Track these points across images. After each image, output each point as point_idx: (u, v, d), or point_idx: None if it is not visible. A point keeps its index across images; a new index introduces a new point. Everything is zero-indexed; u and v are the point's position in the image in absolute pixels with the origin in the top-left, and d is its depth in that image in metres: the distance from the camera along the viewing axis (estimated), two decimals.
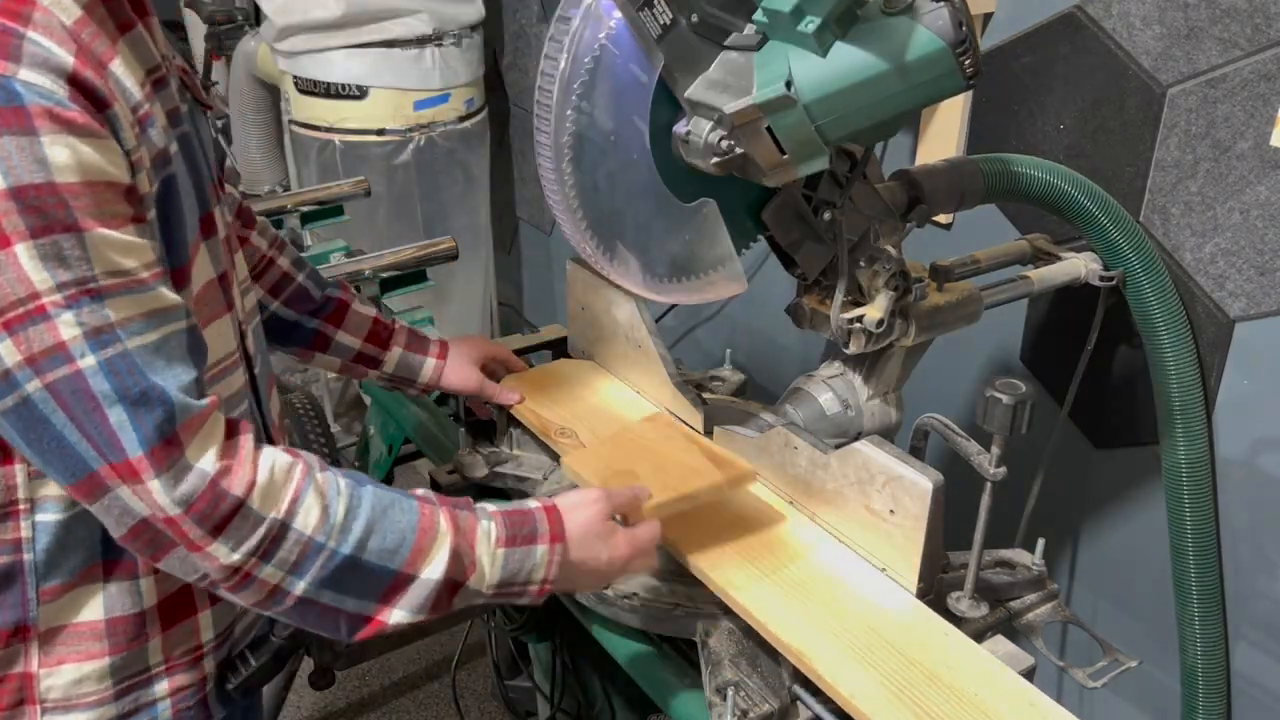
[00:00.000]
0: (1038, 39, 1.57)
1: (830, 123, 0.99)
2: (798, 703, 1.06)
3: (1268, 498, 1.45)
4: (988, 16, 1.62)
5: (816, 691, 1.03)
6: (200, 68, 3.54)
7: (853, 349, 1.20)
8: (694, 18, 1.00)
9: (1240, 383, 1.44)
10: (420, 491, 0.96)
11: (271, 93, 3.16)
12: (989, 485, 1.08)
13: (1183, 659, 1.54)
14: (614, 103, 1.05)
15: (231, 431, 0.84)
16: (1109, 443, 1.65)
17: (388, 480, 1.88)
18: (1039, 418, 1.29)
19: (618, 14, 1.00)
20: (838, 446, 1.16)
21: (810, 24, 0.94)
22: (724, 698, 1.03)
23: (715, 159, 1.03)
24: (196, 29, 3.51)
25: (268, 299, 1.28)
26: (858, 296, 1.20)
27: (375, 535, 0.87)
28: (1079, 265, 1.44)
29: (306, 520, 0.85)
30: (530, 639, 1.62)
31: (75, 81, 0.75)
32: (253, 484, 0.83)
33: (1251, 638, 1.52)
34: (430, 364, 1.36)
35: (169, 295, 0.81)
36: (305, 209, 2.14)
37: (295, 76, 2.69)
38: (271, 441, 1.06)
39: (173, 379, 0.80)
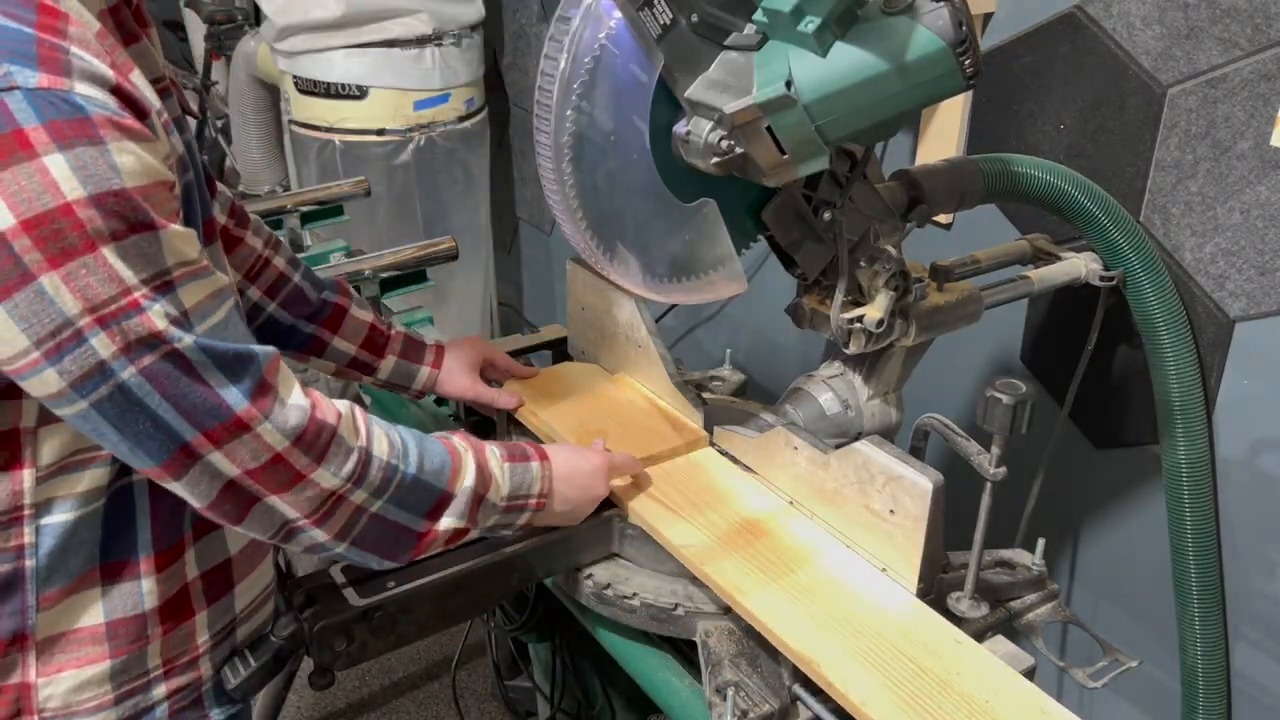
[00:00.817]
0: (1038, 39, 1.57)
1: (830, 122, 0.99)
2: (798, 703, 1.06)
3: (1268, 498, 1.45)
4: (988, 16, 1.62)
5: (817, 691, 1.03)
6: (200, 68, 3.54)
7: (853, 349, 1.20)
8: (694, 17, 1.00)
9: (1240, 383, 1.44)
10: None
11: (271, 93, 3.16)
12: (989, 485, 1.08)
13: (1183, 659, 1.54)
14: (614, 103, 1.05)
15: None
16: (1109, 443, 1.65)
17: None
18: (1039, 418, 1.29)
19: (618, 14, 1.00)
20: (838, 446, 1.16)
21: (810, 24, 0.94)
22: (724, 698, 1.03)
23: (715, 159, 1.03)
24: (196, 29, 3.51)
25: (265, 300, 1.28)
26: (858, 296, 1.20)
27: (426, 458, 1.00)
28: (1079, 265, 1.44)
29: (380, 447, 0.96)
30: (530, 639, 1.62)
31: (118, 92, 0.79)
32: (339, 415, 0.93)
33: (1251, 638, 1.52)
34: (425, 372, 1.37)
35: (221, 275, 0.88)
36: (305, 209, 2.14)
37: (295, 76, 2.69)
38: None
39: (246, 338, 0.88)
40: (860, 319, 1.17)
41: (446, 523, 1.03)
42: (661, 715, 1.18)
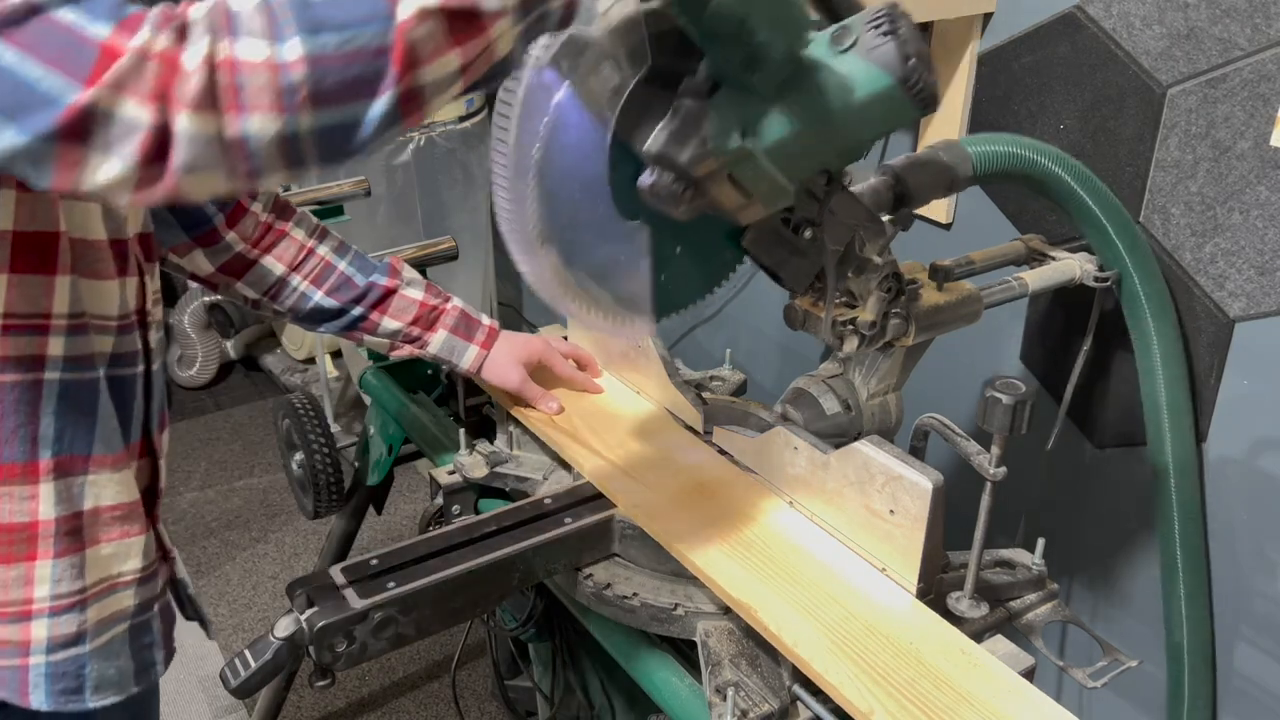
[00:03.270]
0: (1038, 39, 1.57)
1: (789, 166, 0.98)
2: (798, 703, 1.06)
3: (1267, 498, 1.45)
4: (988, 16, 1.62)
5: (817, 691, 1.03)
6: None
7: (845, 350, 1.20)
8: (644, 71, 0.97)
9: (1240, 383, 1.44)
10: None
11: None
12: (989, 485, 1.08)
13: (1168, 639, 1.54)
14: (573, 168, 1.01)
15: None
16: (1109, 443, 1.65)
17: (388, 480, 1.88)
18: (1040, 418, 1.28)
19: (565, 82, 0.98)
20: (837, 446, 1.16)
21: (759, 75, 0.93)
22: (724, 698, 1.03)
23: (682, 208, 1.02)
24: None
25: (310, 289, 1.31)
26: (850, 300, 1.20)
27: None
28: (1074, 266, 1.44)
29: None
30: (530, 639, 1.62)
31: None
32: (186, 5, 0.74)
33: (1251, 638, 1.52)
34: (473, 351, 1.39)
35: None
36: (306, 209, 2.14)
37: None
38: (154, 453, 1.07)
39: None
40: (853, 321, 1.17)
41: (407, 7, 0.74)
42: (661, 715, 1.18)
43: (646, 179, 1.01)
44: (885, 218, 1.23)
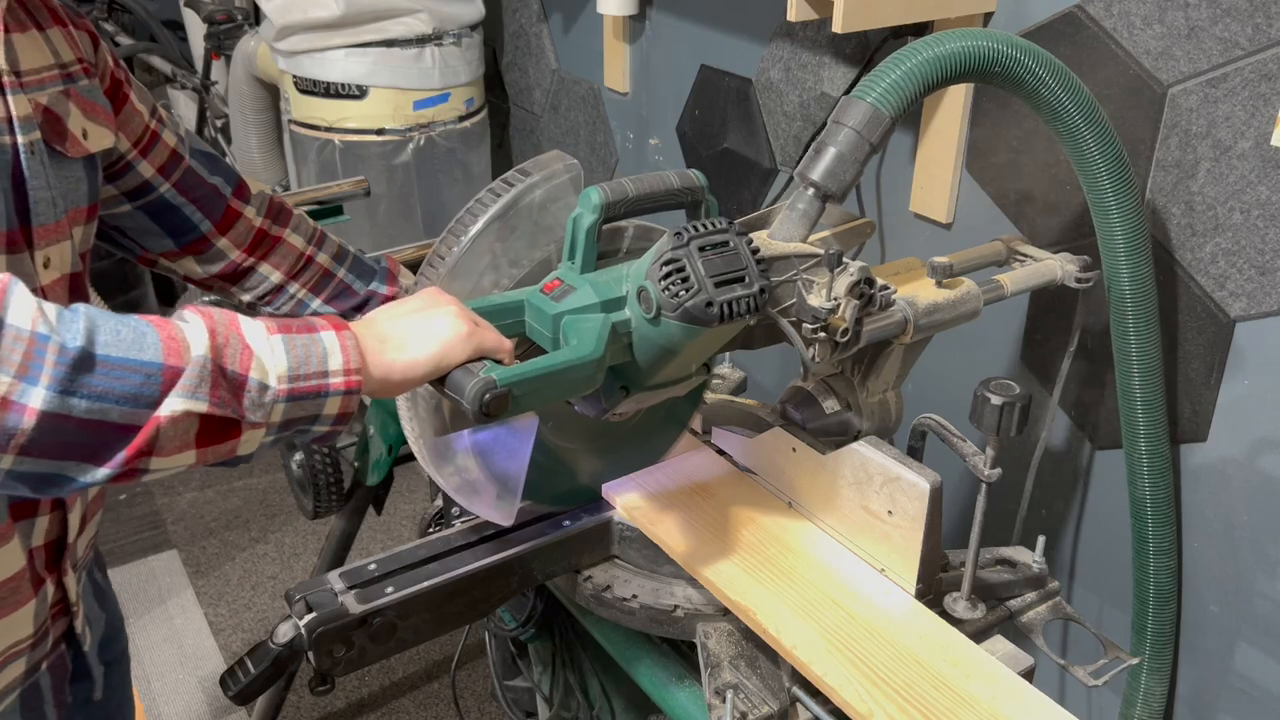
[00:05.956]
0: (1038, 39, 1.56)
1: (678, 372, 1.06)
2: (797, 704, 1.06)
3: (1267, 498, 1.45)
4: (988, 16, 1.62)
5: (816, 693, 1.03)
6: (200, 67, 3.54)
7: (819, 359, 1.14)
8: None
9: (1240, 383, 1.44)
10: None
11: (271, 92, 3.16)
12: (984, 486, 1.08)
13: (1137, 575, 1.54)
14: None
15: None
16: (1109, 443, 1.65)
17: (387, 480, 1.88)
18: (1039, 418, 1.28)
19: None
20: (837, 446, 1.16)
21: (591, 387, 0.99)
22: (723, 700, 1.03)
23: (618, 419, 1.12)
24: (196, 29, 3.51)
25: (309, 296, 1.29)
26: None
27: (109, 328, 0.74)
28: (1054, 267, 1.40)
29: (21, 315, 0.71)
30: (530, 639, 1.61)
31: None
32: None
33: (1251, 638, 1.52)
34: None
35: None
36: (305, 208, 2.14)
37: (295, 76, 2.69)
38: (63, 505, 1.03)
39: None
40: (825, 328, 1.12)
41: (174, 404, 0.74)
42: (661, 715, 1.18)
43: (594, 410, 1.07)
44: (824, 232, 1.22)
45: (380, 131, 2.68)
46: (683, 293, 0.93)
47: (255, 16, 3.29)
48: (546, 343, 0.99)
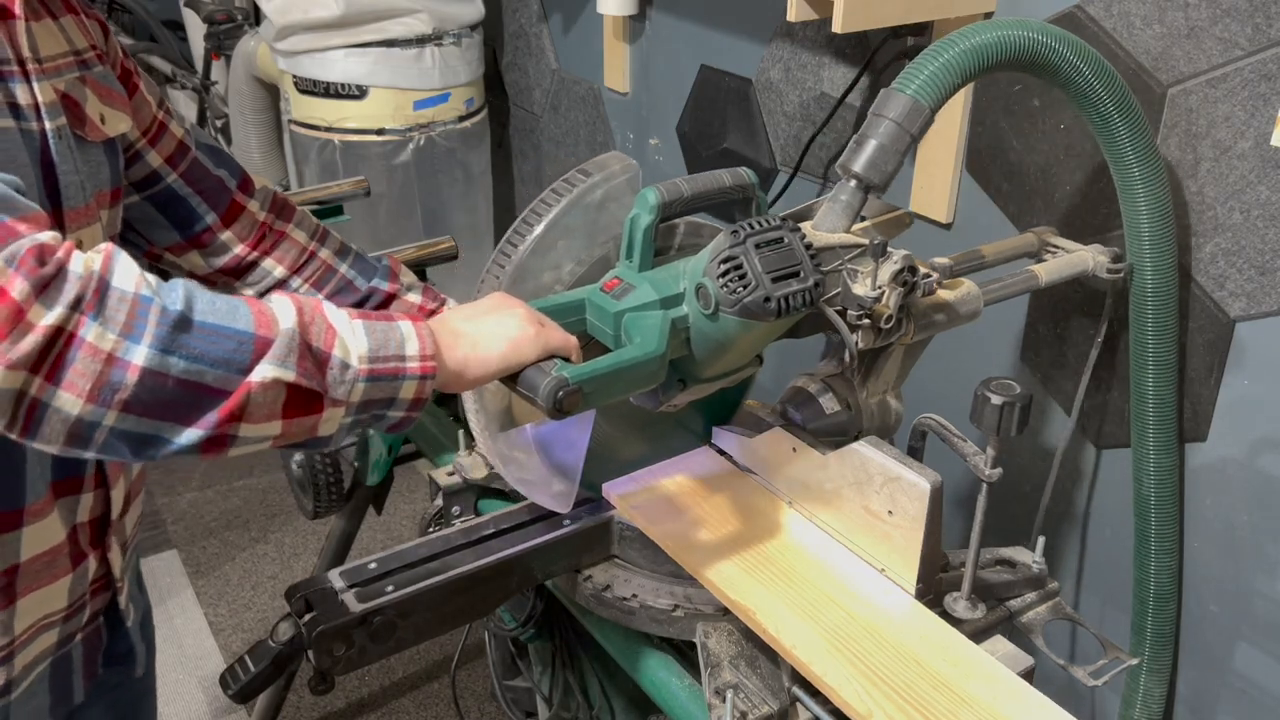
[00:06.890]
0: None
1: (726, 373, 1.10)
2: (797, 704, 1.06)
3: (1267, 498, 1.45)
4: (988, 16, 1.62)
5: (815, 693, 1.03)
6: (200, 67, 3.54)
7: (862, 345, 1.15)
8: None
9: (1240, 383, 1.44)
10: None
11: (271, 92, 3.16)
12: (985, 486, 1.08)
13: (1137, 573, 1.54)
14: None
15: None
16: (1111, 443, 1.65)
17: (387, 480, 1.88)
18: (1042, 418, 1.28)
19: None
20: (837, 446, 1.16)
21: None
22: (723, 700, 1.03)
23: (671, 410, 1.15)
24: (196, 29, 3.52)
25: (311, 292, 1.30)
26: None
27: (205, 299, 0.79)
28: (1086, 258, 1.43)
29: (125, 279, 0.76)
30: (530, 639, 1.61)
31: None
32: (70, 249, 0.76)
33: (1251, 638, 1.52)
34: None
35: None
36: (305, 208, 2.14)
37: (295, 76, 2.69)
38: (106, 482, 1.05)
39: None
40: (869, 314, 1.13)
41: (265, 371, 0.78)
42: (661, 715, 1.18)
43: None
44: (865, 222, 1.23)
45: (380, 131, 2.68)
46: (741, 289, 0.96)
47: (255, 16, 3.29)
48: (608, 340, 1.02)
